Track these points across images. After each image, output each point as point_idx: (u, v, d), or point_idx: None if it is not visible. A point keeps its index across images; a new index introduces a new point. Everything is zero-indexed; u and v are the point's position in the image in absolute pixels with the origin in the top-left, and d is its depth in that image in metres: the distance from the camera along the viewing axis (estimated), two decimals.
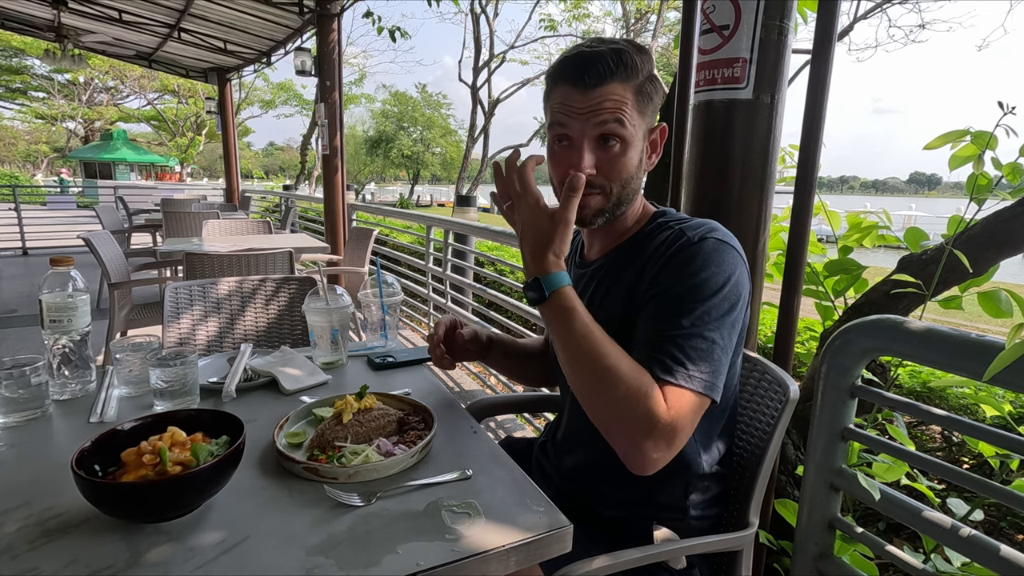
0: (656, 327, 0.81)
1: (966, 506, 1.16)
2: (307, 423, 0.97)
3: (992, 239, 1.29)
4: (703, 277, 0.81)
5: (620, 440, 0.78)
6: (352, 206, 5.89)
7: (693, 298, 0.80)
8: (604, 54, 0.85)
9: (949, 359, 0.98)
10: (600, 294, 0.95)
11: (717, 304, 0.81)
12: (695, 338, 0.79)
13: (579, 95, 0.85)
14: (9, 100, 26.88)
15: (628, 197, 0.92)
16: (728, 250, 0.84)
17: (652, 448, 0.75)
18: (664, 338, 0.79)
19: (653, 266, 0.86)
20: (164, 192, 12.21)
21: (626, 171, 0.89)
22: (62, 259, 1.04)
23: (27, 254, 7.78)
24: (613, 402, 0.76)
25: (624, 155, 0.87)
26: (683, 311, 0.80)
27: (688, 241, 0.84)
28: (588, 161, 0.87)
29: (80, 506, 0.69)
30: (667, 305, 0.81)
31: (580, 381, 0.80)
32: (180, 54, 7.66)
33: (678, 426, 0.76)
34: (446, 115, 32.89)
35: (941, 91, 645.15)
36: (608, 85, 0.85)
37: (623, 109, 0.85)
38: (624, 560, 0.86)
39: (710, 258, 0.82)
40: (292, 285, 1.74)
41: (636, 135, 0.88)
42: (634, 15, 15.03)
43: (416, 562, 0.63)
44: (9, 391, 0.92)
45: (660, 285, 0.84)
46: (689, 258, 0.83)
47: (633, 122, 0.86)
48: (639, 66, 0.86)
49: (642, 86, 0.87)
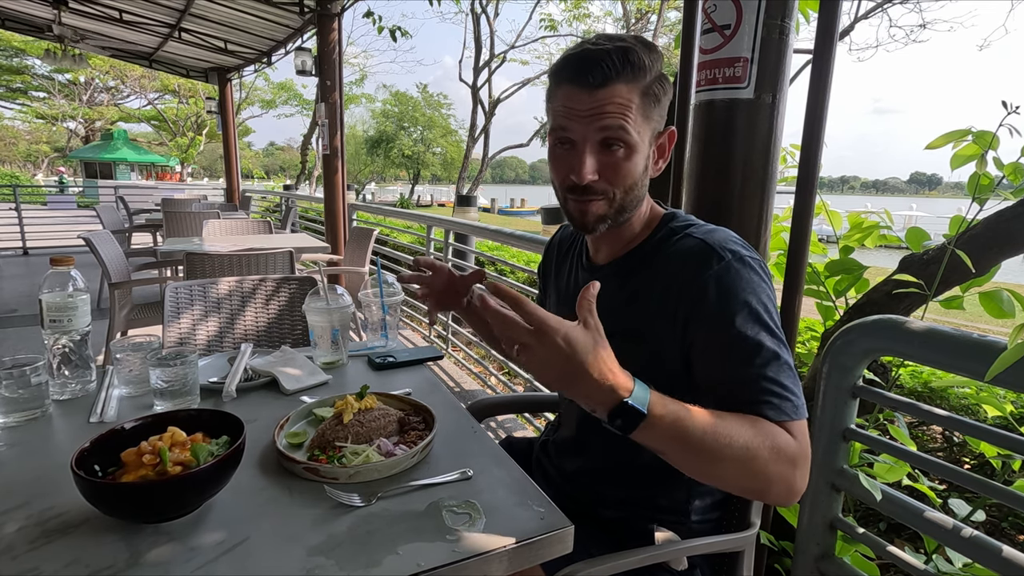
0: (745, 367, 0.76)
1: (968, 507, 1.16)
2: (307, 423, 0.97)
3: (994, 239, 1.29)
4: (764, 303, 0.78)
5: (777, 496, 0.73)
6: (352, 206, 5.89)
7: (764, 328, 0.76)
8: (609, 52, 0.80)
9: (951, 359, 0.98)
10: (615, 303, 0.90)
11: (776, 322, 0.78)
12: (781, 367, 0.76)
13: (582, 96, 0.81)
14: (10, 100, 26.91)
15: (632, 204, 0.87)
16: (763, 268, 0.82)
17: (799, 488, 0.73)
18: (761, 378, 0.75)
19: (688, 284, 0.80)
20: (164, 192, 12.22)
21: (630, 177, 0.84)
22: (62, 259, 1.04)
23: (27, 254, 7.78)
24: (762, 473, 0.70)
25: (628, 160, 0.83)
26: (758, 344, 0.76)
27: (727, 263, 0.79)
28: (590, 166, 0.82)
29: (80, 506, 0.69)
30: (743, 341, 0.76)
31: (720, 473, 0.70)
32: (181, 54, 7.67)
33: (807, 452, 0.74)
34: (446, 115, 32.90)
35: (942, 91, 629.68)
36: (613, 86, 0.80)
37: (628, 113, 0.81)
38: (626, 561, 0.86)
39: (758, 282, 0.79)
40: (292, 285, 1.74)
41: (641, 140, 0.83)
42: (635, 15, 15.02)
43: (417, 563, 0.63)
44: (9, 391, 0.92)
45: (720, 316, 0.77)
46: (742, 283, 0.78)
47: (638, 126, 0.82)
48: (647, 66, 0.81)
49: (650, 87, 0.82)
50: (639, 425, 0.65)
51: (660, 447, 0.68)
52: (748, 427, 0.71)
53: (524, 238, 2.86)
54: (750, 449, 0.68)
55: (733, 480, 0.72)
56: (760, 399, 0.74)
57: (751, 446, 0.68)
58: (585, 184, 0.83)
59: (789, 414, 0.73)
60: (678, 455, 0.69)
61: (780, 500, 0.74)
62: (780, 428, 0.73)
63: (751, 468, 0.69)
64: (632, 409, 0.64)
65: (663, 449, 0.69)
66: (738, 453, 0.68)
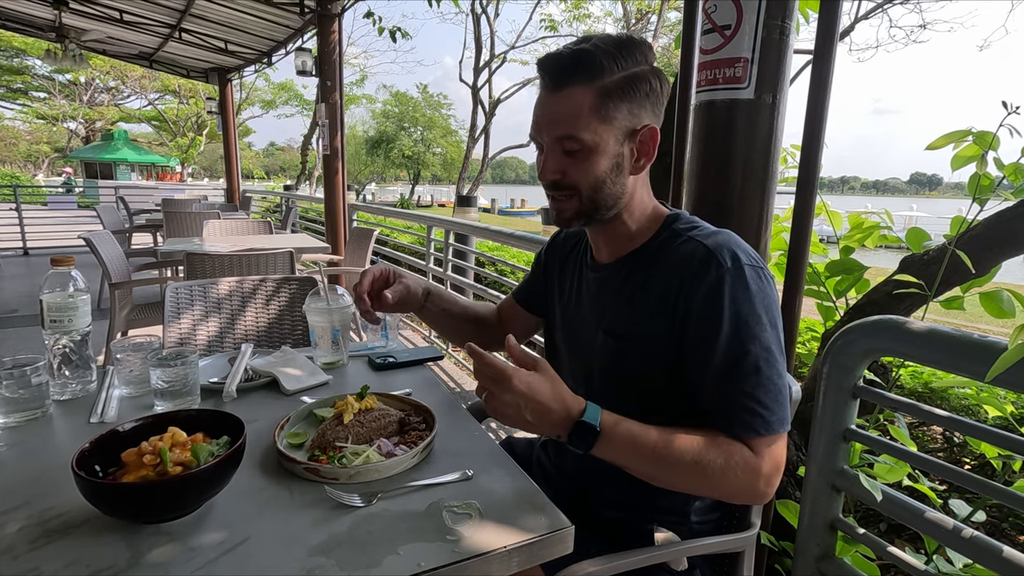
0: (723, 379, 0.79)
1: (968, 507, 1.16)
2: (308, 423, 0.97)
3: (994, 239, 1.29)
4: (756, 314, 0.78)
5: (740, 500, 0.81)
6: (353, 206, 5.89)
7: (749, 339, 0.78)
8: (564, 57, 0.83)
9: (951, 360, 0.98)
10: (614, 303, 0.92)
11: (772, 335, 0.79)
12: (761, 381, 0.77)
13: (545, 99, 0.85)
14: (10, 100, 26.91)
15: (607, 201, 0.88)
16: (765, 275, 0.82)
17: (764, 493, 0.79)
18: (736, 391, 0.78)
19: (686, 288, 0.81)
20: (165, 192, 12.23)
21: (591, 176, 0.85)
22: (63, 259, 1.04)
23: (28, 254, 7.78)
24: (714, 485, 0.78)
25: (587, 161, 0.84)
26: (741, 358, 0.77)
27: (725, 271, 0.79)
28: (549, 166, 0.87)
29: (81, 506, 0.69)
30: (728, 351, 0.78)
31: (675, 482, 0.80)
32: (181, 54, 7.67)
33: (776, 464, 0.79)
34: (447, 115, 32.91)
35: (942, 91, 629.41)
36: (568, 89, 0.82)
37: (578, 115, 0.82)
38: (626, 561, 0.86)
39: (756, 292, 0.79)
40: (293, 285, 1.74)
41: (601, 139, 0.83)
42: (635, 15, 15.02)
43: (417, 563, 0.63)
44: (9, 391, 0.92)
45: (710, 323, 0.79)
46: (736, 292, 0.79)
47: (593, 127, 0.82)
48: (604, 66, 0.81)
49: (610, 87, 0.82)
50: (596, 441, 0.75)
51: (618, 460, 0.78)
52: (702, 443, 0.77)
53: (524, 238, 2.86)
54: (700, 464, 0.76)
55: (689, 488, 0.81)
56: (731, 414, 0.78)
57: (701, 461, 0.76)
58: (552, 182, 0.88)
59: (757, 430, 0.77)
60: (635, 467, 0.78)
61: (746, 503, 0.83)
62: (740, 444, 0.78)
63: (703, 480, 0.77)
64: (586, 425, 0.74)
65: (622, 462, 0.78)
66: (688, 467, 0.76)
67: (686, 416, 0.84)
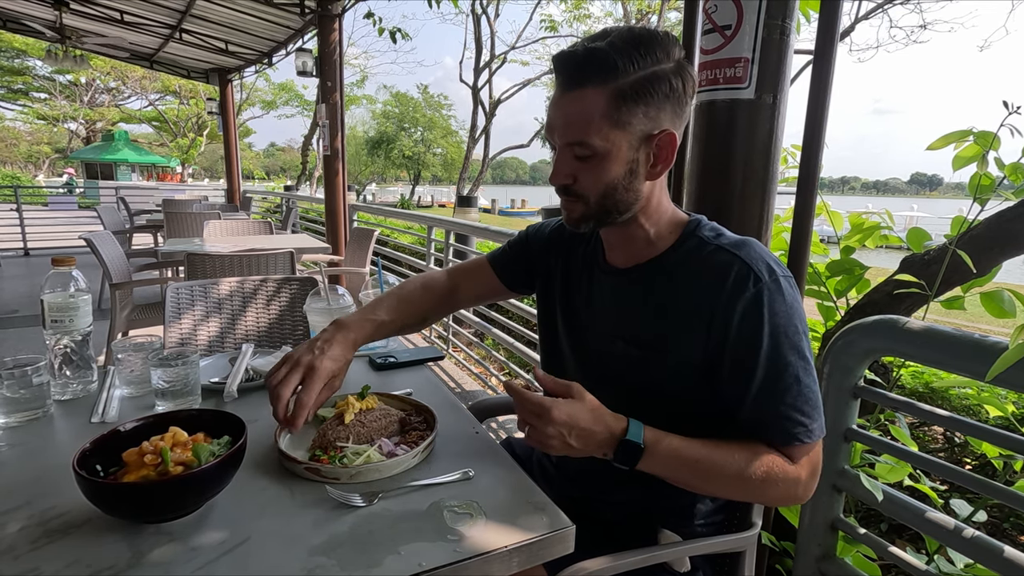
0: (765, 392, 0.78)
1: (969, 507, 1.16)
2: (308, 423, 0.97)
3: (995, 239, 1.29)
4: (794, 325, 0.78)
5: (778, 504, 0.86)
6: (353, 207, 5.90)
7: (789, 351, 0.78)
8: (577, 55, 0.78)
9: (952, 359, 0.98)
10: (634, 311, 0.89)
11: (806, 344, 0.79)
12: (801, 392, 0.78)
13: (559, 100, 0.81)
14: (11, 101, 26.95)
15: (617, 207, 0.84)
16: (795, 284, 0.82)
17: (803, 498, 0.81)
18: (779, 403, 0.78)
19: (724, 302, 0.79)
20: (165, 193, 12.24)
21: (602, 182, 0.82)
22: (64, 259, 1.04)
23: (29, 254, 7.79)
24: (756, 494, 0.81)
25: (598, 166, 0.81)
26: (782, 372, 0.77)
27: (763, 285, 0.78)
28: (559, 170, 0.84)
29: (82, 506, 0.69)
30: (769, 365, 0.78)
31: (716, 492, 0.84)
32: (181, 55, 7.68)
33: (814, 470, 0.81)
34: (447, 116, 32.93)
35: (942, 92, 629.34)
36: (582, 90, 0.78)
37: (590, 120, 0.78)
38: (627, 561, 0.86)
39: (791, 303, 0.79)
40: (293, 285, 1.74)
41: (613, 145, 0.79)
42: (635, 15, 15.03)
43: (418, 563, 0.63)
44: (11, 391, 0.92)
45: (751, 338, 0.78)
46: (775, 306, 0.78)
47: (605, 132, 0.78)
48: (620, 66, 0.76)
49: (625, 90, 0.77)
50: (640, 458, 0.76)
51: (661, 473, 0.79)
52: (742, 454, 0.78)
53: None
54: (742, 476, 0.77)
55: (729, 497, 0.84)
56: (773, 426, 0.79)
57: (743, 474, 0.77)
58: (562, 186, 0.85)
59: (801, 439, 0.78)
60: (678, 479, 0.80)
61: (782, 506, 0.82)
62: (780, 454, 0.79)
63: (743, 490, 0.80)
64: (631, 444, 0.76)
65: (664, 475, 0.80)
66: (730, 479, 0.78)
67: (714, 424, 0.83)
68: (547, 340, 1.07)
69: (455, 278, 1.15)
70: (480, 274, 1.15)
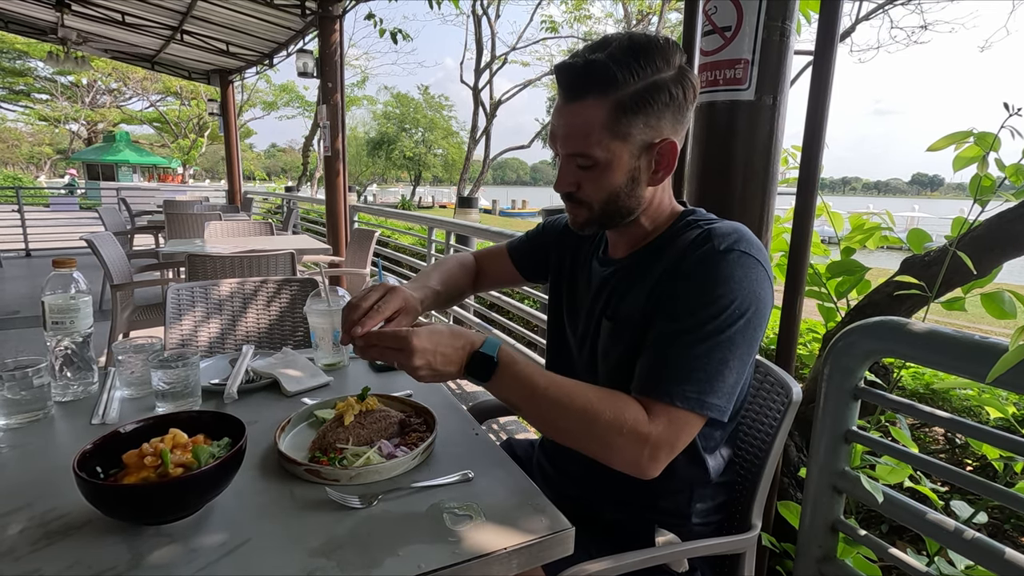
0: (664, 339, 0.79)
1: (970, 508, 1.16)
2: (309, 425, 0.97)
3: (996, 240, 1.29)
4: (720, 292, 0.77)
5: (622, 465, 0.78)
6: (354, 207, 5.90)
7: (713, 318, 0.76)
8: (577, 68, 0.79)
9: (952, 361, 0.98)
10: (622, 291, 0.92)
11: (745, 327, 0.77)
12: (698, 358, 0.76)
13: (561, 110, 0.83)
14: (13, 102, 26.98)
15: (621, 211, 0.87)
16: (753, 264, 0.79)
17: (646, 466, 0.77)
18: (674, 355, 0.77)
19: (677, 263, 0.83)
20: (166, 194, 12.26)
21: (604, 191, 0.84)
22: (64, 260, 1.04)
23: (30, 255, 7.79)
24: (599, 439, 0.76)
25: (600, 176, 0.83)
26: (698, 329, 0.77)
27: (713, 249, 0.79)
28: (563, 179, 0.86)
29: (82, 508, 0.69)
30: (685, 319, 0.78)
31: (563, 428, 0.79)
32: (183, 56, 7.69)
33: (669, 441, 0.76)
34: (448, 117, 32.92)
35: (943, 92, 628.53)
36: (583, 101, 0.79)
37: (590, 132, 0.80)
38: (626, 563, 0.86)
39: (732, 272, 0.78)
40: (294, 286, 1.75)
41: (614, 155, 0.81)
42: (635, 16, 15.03)
43: (418, 564, 0.63)
44: (11, 393, 0.92)
45: (676, 288, 0.81)
46: (710, 269, 0.78)
47: (606, 143, 0.80)
48: (619, 78, 0.77)
49: (625, 101, 0.78)
50: (494, 371, 0.76)
51: (510, 397, 0.78)
52: (597, 393, 0.77)
53: None
54: (588, 411, 0.76)
55: (575, 438, 0.79)
56: (651, 374, 0.78)
57: (590, 409, 0.76)
58: (566, 194, 0.88)
59: (671, 398, 0.76)
60: (525, 406, 0.78)
61: (627, 470, 0.78)
62: (638, 404, 0.77)
63: (589, 430, 0.76)
64: (484, 355, 0.76)
65: (513, 400, 0.78)
66: (576, 413, 0.76)
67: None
68: (553, 333, 1.10)
69: (480, 261, 1.21)
70: (500, 261, 1.20)
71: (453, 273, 1.14)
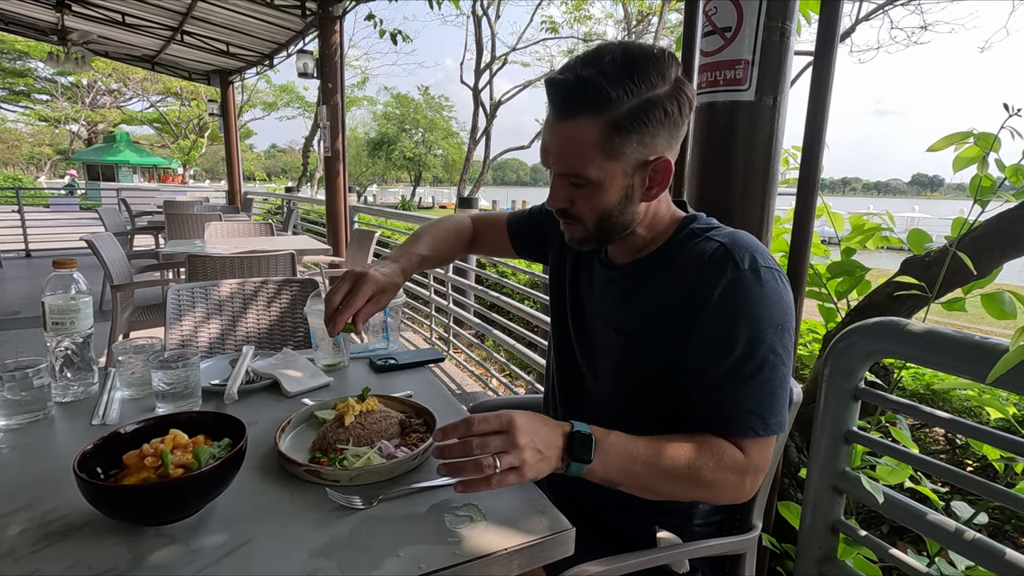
0: (728, 379, 0.78)
1: (970, 509, 1.16)
2: (309, 425, 0.97)
3: (996, 241, 1.29)
4: (759, 314, 0.77)
5: (725, 500, 0.81)
6: (354, 208, 5.90)
7: (758, 342, 0.77)
8: (570, 85, 0.77)
9: (952, 361, 0.98)
10: (629, 300, 0.90)
11: (783, 339, 0.78)
12: (768, 386, 0.77)
13: (552, 126, 0.81)
14: (13, 102, 27.00)
15: (616, 228, 0.86)
16: (775, 276, 0.80)
17: (748, 493, 0.80)
18: (740, 393, 0.78)
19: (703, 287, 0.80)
20: (166, 194, 12.24)
21: (597, 209, 0.83)
22: (65, 261, 1.04)
23: (30, 256, 7.80)
24: (706, 489, 0.79)
25: (592, 195, 0.82)
26: (743, 361, 0.77)
27: (739, 271, 0.78)
28: (554, 196, 0.85)
29: (82, 509, 0.69)
30: (737, 352, 0.77)
31: (670, 491, 0.79)
32: (183, 56, 7.69)
33: (763, 466, 0.80)
34: (448, 117, 32.94)
35: (943, 93, 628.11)
36: (575, 120, 0.77)
37: (582, 152, 0.78)
38: (627, 563, 0.86)
39: (764, 291, 0.78)
40: (294, 287, 1.75)
41: (607, 174, 0.79)
42: (635, 17, 15.03)
43: (418, 565, 0.63)
44: (11, 393, 0.92)
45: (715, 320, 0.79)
46: (745, 293, 0.78)
47: (599, 163, 0.78)
48: (613, 97, 0.75)
49: (618, 120, 0.76)
50: (592, 447, 0.72)
51: (615, 472, 0.74)
52: (693, 447, 0.78)
53: None
54: (693, 468, 0.76)
55: (682, 496, 0.81)
56: (730, 414, 0.79)
57: (694, 465, 0.76)
58: (559, 210, 0.86)
59: (756, 431, 0.78)
60: (630, 480, 0.76)
61: (728, 502, 0.82)
62: (729, 444, 0.79)
63: (697, 485, 0.77)
64: (581, 434, 0.72)
65: (617, 472, 0.75)
66: (682, 473, 0.76)
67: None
68: (557, 326, 1.09)
69: (478, 227, 1.22)
70: (497, 231, 1.20)
71: (447, 238, 1.15)
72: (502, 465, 0.67)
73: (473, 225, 1.21)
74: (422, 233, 1.12)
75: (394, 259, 1.02)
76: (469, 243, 1.20)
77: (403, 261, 1.02)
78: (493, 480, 0.66)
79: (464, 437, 0.68)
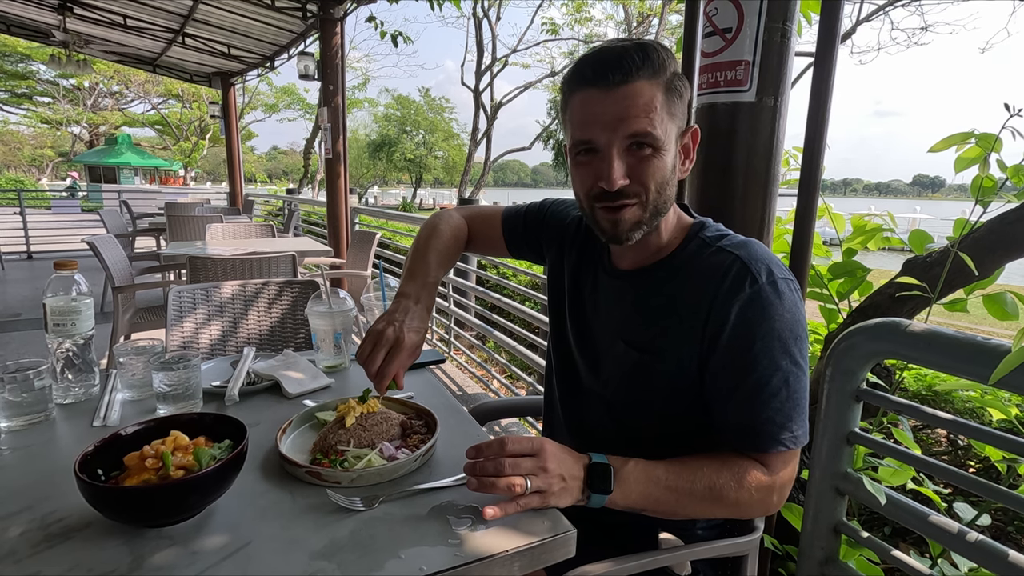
0: (752, 394, 0.78)
1: (973, 510, 1.15)
2: (310, 427, 0.97)
3: (997, 242, 1.28)
4: (779, 327, 0.77)
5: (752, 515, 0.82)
6: (355, 209, 5.90)
7: (781, 355, 0.77)
8: (628, 49, 0.77)
9: (954, 362, 0.98)
10: (638, 309, 0.89)
11: (801, 350, 0.78)
12: (786, 400, 0.77)
13: (603, 97, 0.77)
14: (15, 105, 27.07)
15: (664, 206, 0.83)
16: (791, 287, 0.80)
17: (776, 506, 0.81)
18: (765, 407, 0.77)
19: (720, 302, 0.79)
20: (168, 196, 12.26)
21: (660, 176, 0.80)
22: (66, 263, 1.04)
23: (32, 258, 7.81)
24: (729, 508, 0.79)
25: (658, 159, 0.79)
26: (767, 377, 0.77)
27: (759, 286, 0.78)
28: (618, 171, 0.78)
29: (83, 510, 0.69)
30: (759, 367, 0.77)
31: (692, 511, 0.80)
32: (184, 59, 7.72)
33: (789, 479, 0.81)
34: (448, 119, 32.97)
35: (944, 93, 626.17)
36: (635, 83, 0.76)
37: (652, 111, 0.77)
38: (629, 565, 0.85)
39: (783, 304, 0.78)
40: (295, 288, 1.75)
41: (668, 138, 0.79)
42: (636, 18, 15.06)
43: (419, 567, 0.63)
44: (13, 395, 0.92)
45: (743, 339, 0.78)
46: (766, 308, 0.77)
47: (664, 124, 0.78)
48: (666, 62, 0.78)
49: (671, 83, 0.79)
50: (612, 475, 0.74)
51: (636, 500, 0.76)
52: (714, 466, 0.78)
53: None
54: (714, 488, 0.77)
55: (705, 515, 0.81)
56: (756, 429, 0.78)
57: (715, 485, 0.77)
58: (619, 189, 0.80)
59: (785, 445, 0.78)
60: (652, 504, 0.77)
61: (755, 516, 0.83)
62: (752, 461, 0.79)
63: (719, 504, 0.78)
64: (599, 465, 0.75)
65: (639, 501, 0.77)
66: (703, 493, 0.77)
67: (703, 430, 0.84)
68: (557, 336, 1.08)
69: (473, 224, 1.19)
70: (492, 229, 1.18)
71: (449, 248, 1.10)
72: (531, 487, 0.70)
73: (468, 225, 1.17)
74: (427, 250, 1.05)
75: (416, 297, 0.96)
76: (465, 245, 1.17)
77: (425, 298, 0.97)
78: (521, 501, 0.70)
79: (496, 457, 0.72)
